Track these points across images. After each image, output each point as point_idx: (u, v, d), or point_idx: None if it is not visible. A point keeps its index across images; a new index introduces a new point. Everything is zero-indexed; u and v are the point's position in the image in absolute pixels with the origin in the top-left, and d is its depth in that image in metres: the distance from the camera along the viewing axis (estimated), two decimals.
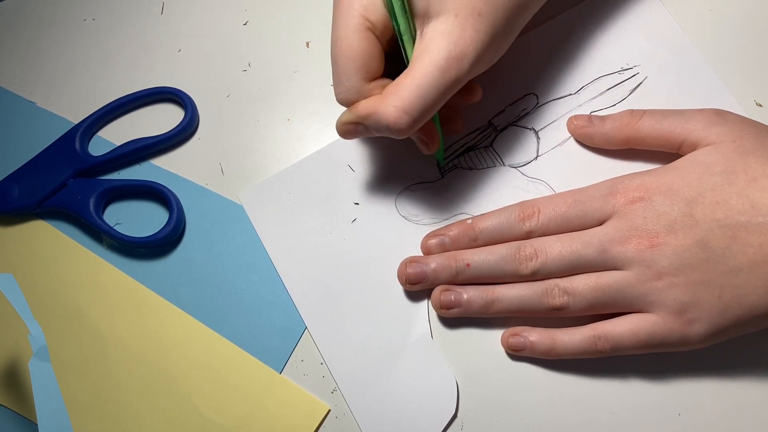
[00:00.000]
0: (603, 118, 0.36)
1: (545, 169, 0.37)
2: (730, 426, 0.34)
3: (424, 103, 0.31)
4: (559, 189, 0.37)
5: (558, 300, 0.33)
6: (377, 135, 0.33)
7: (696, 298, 0.31)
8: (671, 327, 0.31)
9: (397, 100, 0.31)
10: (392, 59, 0.33)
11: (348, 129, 0.33)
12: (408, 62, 0.32)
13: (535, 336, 0.34)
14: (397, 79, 0.31)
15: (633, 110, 0.35)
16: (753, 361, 0.34)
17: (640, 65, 0.38)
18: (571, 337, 0.33)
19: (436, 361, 0.35)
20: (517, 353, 0.35)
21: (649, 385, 0.34)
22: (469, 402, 0.35)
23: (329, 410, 0.36)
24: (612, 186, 0.33)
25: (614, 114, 0.36)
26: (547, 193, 0.37)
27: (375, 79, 0.32)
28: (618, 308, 0.32)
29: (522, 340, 0.34)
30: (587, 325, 0.33)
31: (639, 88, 0.38)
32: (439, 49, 0.30)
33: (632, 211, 0.32)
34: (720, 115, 0.33)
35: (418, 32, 0.31)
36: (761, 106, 0.38)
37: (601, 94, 0.38)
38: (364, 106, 0.32)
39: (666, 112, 0.34)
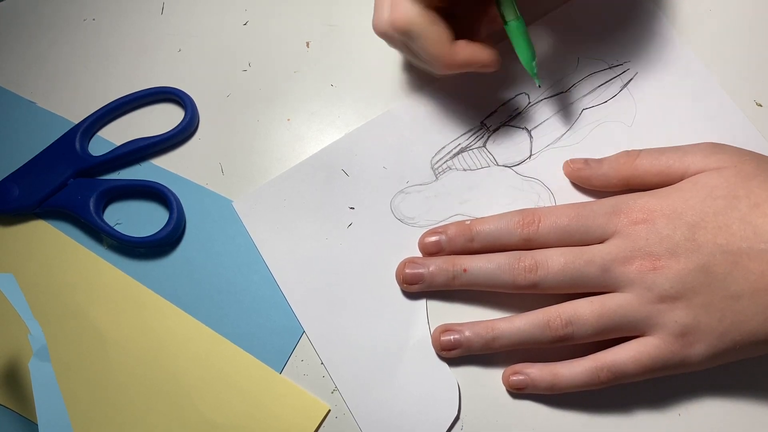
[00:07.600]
0: (599, 161, 0.36)
1: (539, 167, 0.38)
2: (730, 426, 0.34)
3: None
4: (554, 187, 0.37)
5: (561, 331, 0.32)
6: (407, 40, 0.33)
7: (697, 321, 0.31)
8: (672, 349, 0.31)
9: None
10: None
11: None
12: None
13: (536, 372, 0.33)
14: None
15: (628, 150, 0.35)
16: (753, 361, 0.34)
17: (630, 61, 0.38)
18: (572, 371, 0.33)
19: (437, 363, 0.35)
20: (519, 392, 0.34)
21: (649, 385, 0.34)
22: (469, 402, 0.35)
23: (329, 410, 0.36)
24: (615, 205, 0.33)
25: (610, 156, 0.36)
26: (542, 191, 0.37)
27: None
28: (622, 332, 0.32)
29: (523, 378, 0.34)
30: (587, 357, 0.33)
31: (630, 84, 0.38)
32: None
33: (635, 232, 0.32)
34: (717, 146, 0.33)
35: None
36: (761, 106, 0.38)
37: (592, 90, 0.38)
38: None
39: (662, 149, 0.34)
